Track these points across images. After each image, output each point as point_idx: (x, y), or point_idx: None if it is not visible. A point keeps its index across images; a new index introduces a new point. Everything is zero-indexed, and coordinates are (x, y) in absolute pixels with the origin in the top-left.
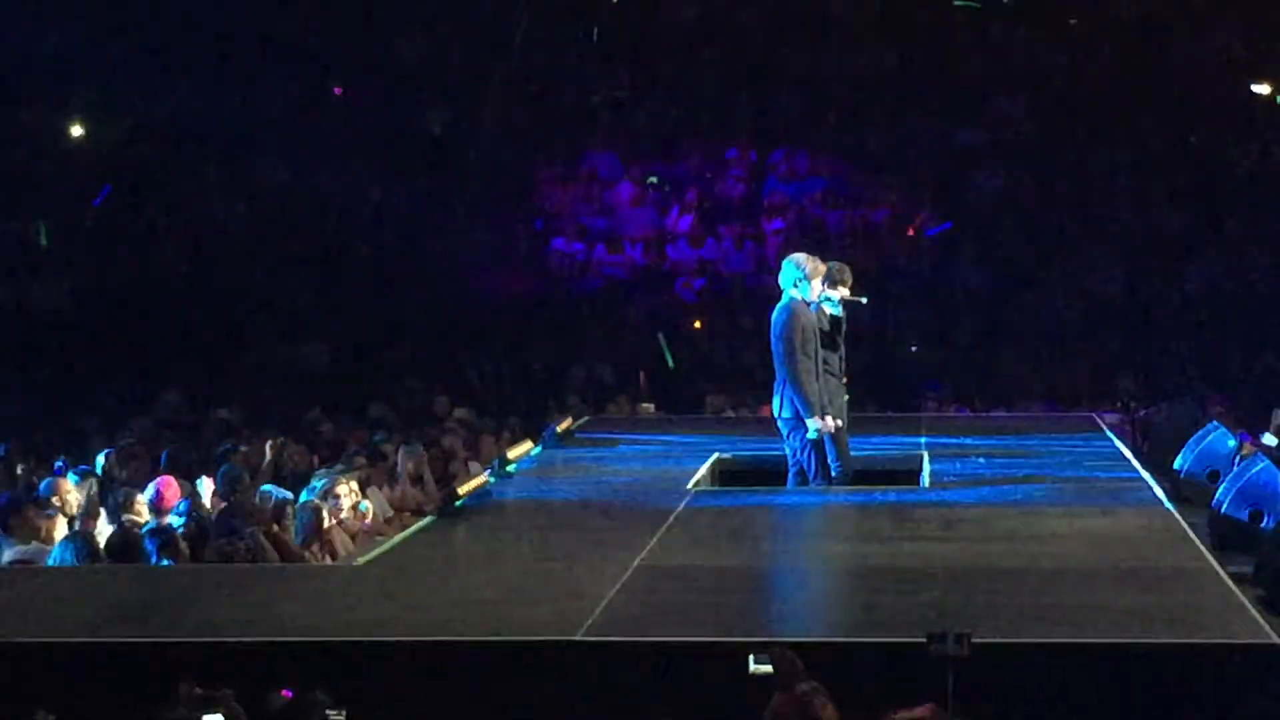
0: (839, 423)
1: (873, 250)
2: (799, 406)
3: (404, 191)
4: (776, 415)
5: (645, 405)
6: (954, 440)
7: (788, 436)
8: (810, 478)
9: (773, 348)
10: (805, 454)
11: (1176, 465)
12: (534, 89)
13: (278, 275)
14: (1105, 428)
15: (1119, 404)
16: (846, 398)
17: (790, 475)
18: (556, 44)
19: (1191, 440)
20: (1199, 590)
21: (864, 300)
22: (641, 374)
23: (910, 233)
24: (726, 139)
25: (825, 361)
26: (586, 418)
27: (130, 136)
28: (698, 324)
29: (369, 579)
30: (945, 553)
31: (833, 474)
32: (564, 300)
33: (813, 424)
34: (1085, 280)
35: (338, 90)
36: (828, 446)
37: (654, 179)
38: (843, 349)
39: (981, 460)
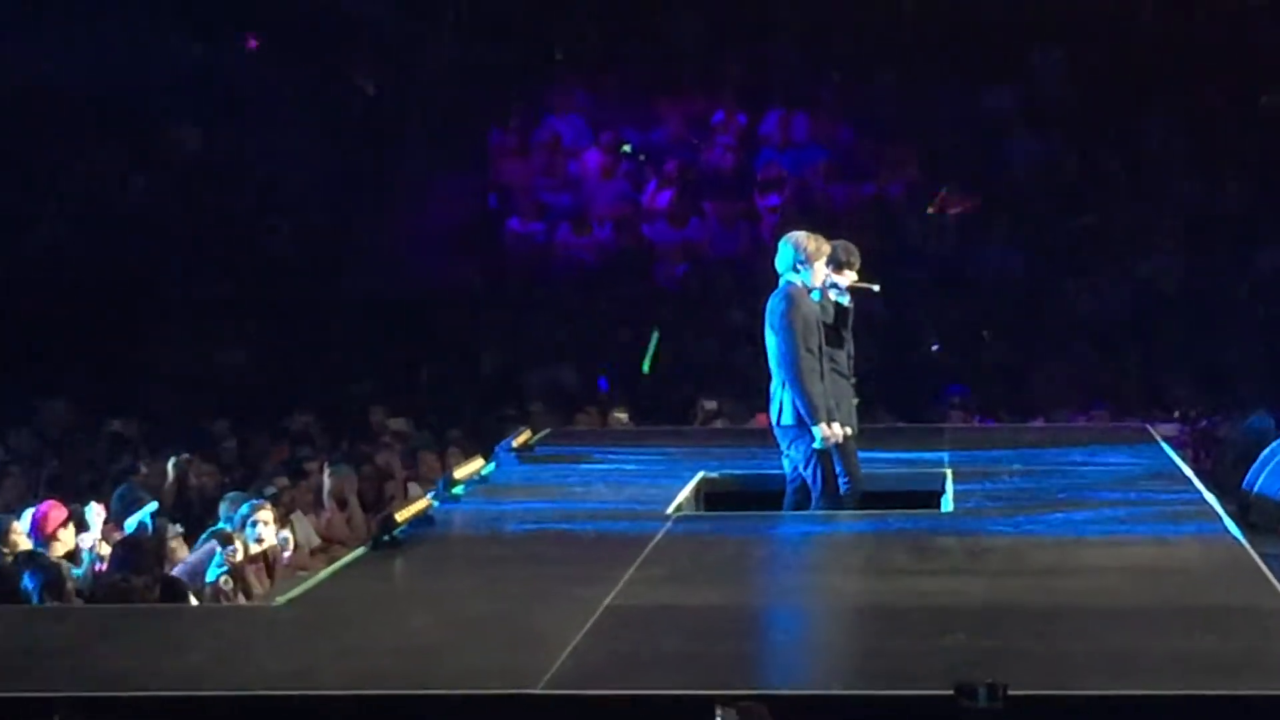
0: (848, 430)
1: (886, 232)
2: (802, 412)
3: (333, 163)
4: (775, 423)
5: (618, 415)
6: (982, 456)
7: (788, 447)
8: (814, 494)
9: (769, 344)
10: (809, 467)
11: (1245, 485)
12: (485, 41)
13: (184, 262)
14: (1160, 440)
15: (1177, 413)
16: (856, 401)
17: (789, 492)
18: None
19: (1263, 456)
20: (1272, 632)
21: (875, 288)
22: (604, 378)
23: (931, 211)
24: (712, 100)
25: (831, 359)
26: (548, 430)
27: None
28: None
29: (290, 622)
30: (973, 589)
31: (841, 490)
32: (521, 291)
33: (819, 432)
34: (1136, 267)
35: (253, 43)
36: (834, 458)
37: (628, 147)
38: (851, 344)
39: (1014, 480)
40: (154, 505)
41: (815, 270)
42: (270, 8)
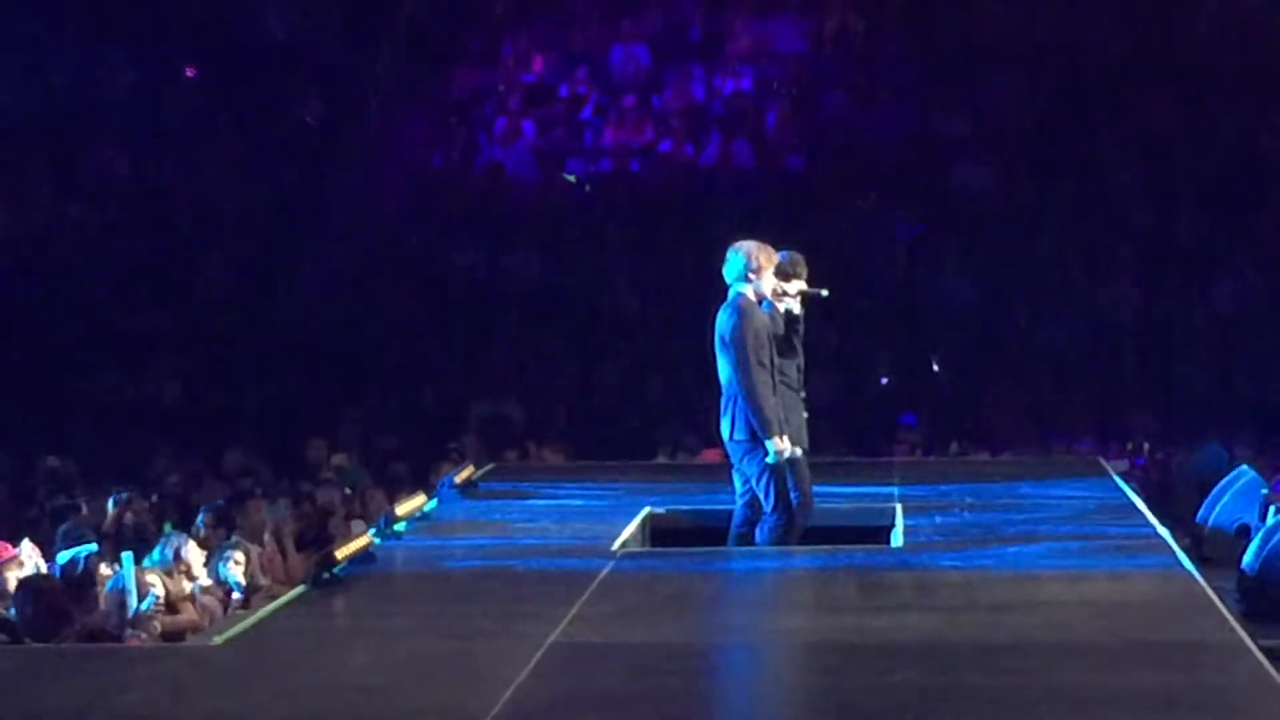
0: (800, 448)
1: (836, 258)
2: (755, 426)
3: (269, 189)
4: (727, 437)
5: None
6: (933, 489)
7: (740, 461)
8: (766, 508)
9: (719, 357)
10: (761, 481)
11: (1199, 518)
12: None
13: (117, 291)
14: (1114, 474)
15: (1130, 445)
16: (806, 415)
17: (740, 506)
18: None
19: (1216, 489)
20: (1227, 668)
21: (824, 292)
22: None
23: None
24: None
25: (781, 372)
26: (491, 465)
27: None
28: None
29: (229, 661)
30: (923, 625)
31: (793, 503)
32: (465, 321)
33: (772, 446)
34: (1091, 295)
35: (190, 72)
36: (786, 472)
37: (571, 177)
38: (800, 356)
39: (966, 513)
40: (93, 547)
41: (765, 280)
42: (208, 35)
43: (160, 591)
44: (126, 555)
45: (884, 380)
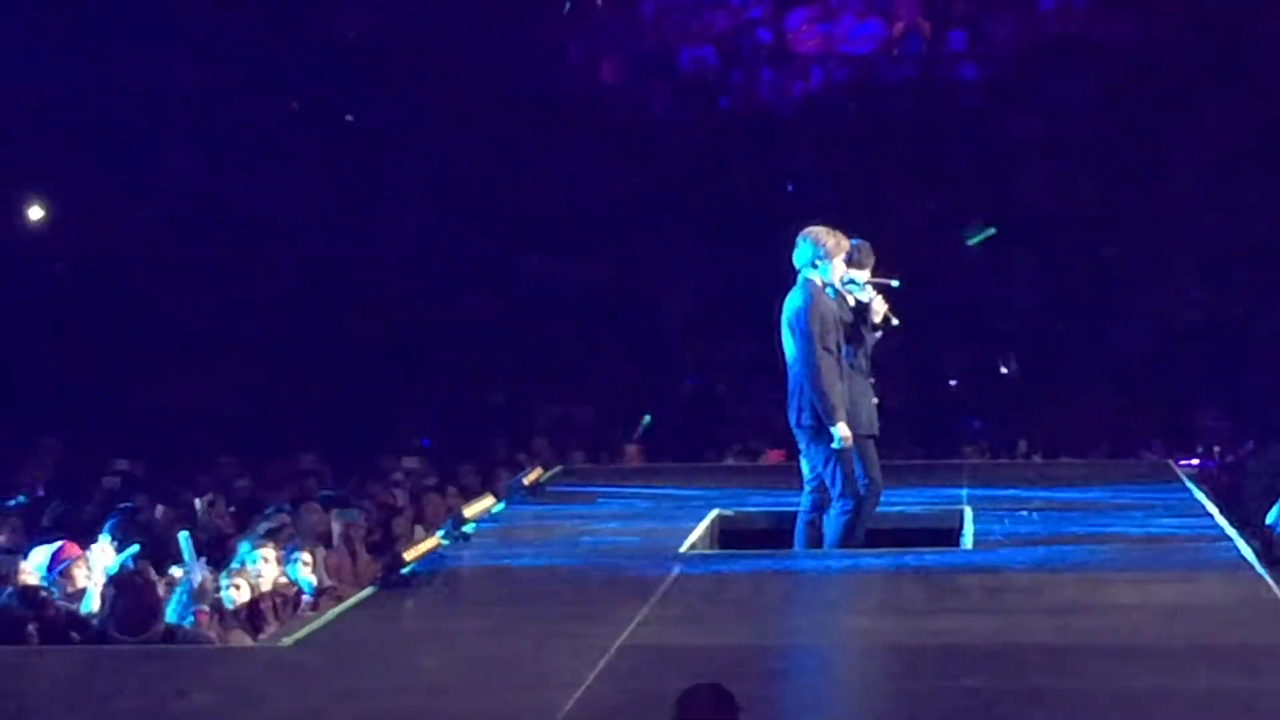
0: (871, 434)
1: (902, 263)
2: (820, 412)
3: (334, 190)
4: (794, 423)
5: (630, 449)
6: (1001, 492)
7: (807, 448)
8: (833, 494)
9: (786, 343)
10: (829, 467)
11: (1269, 521)
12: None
13: (184, 293)
14: (1183, 476)
15: (1199, 448)
16: (876, 400)
17: (807, 492)
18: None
19: None
20: None
21: (895, 283)
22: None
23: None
24: None
25: (849, 357)
26: (559, 467)
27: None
28: None
29: (298, 662)
30: (991, 627)
31: (860, 490)
32: (531, 322)
33: (837, 432)
34: (1158, 300)
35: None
36: (854, 458)
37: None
38: (868, 341)
39: (1034, 516)
40: (136, 548)
41: (834, 266)
42: (272, 33)
43: (241, 595)
44: (183, 534)
45: (952, 382)
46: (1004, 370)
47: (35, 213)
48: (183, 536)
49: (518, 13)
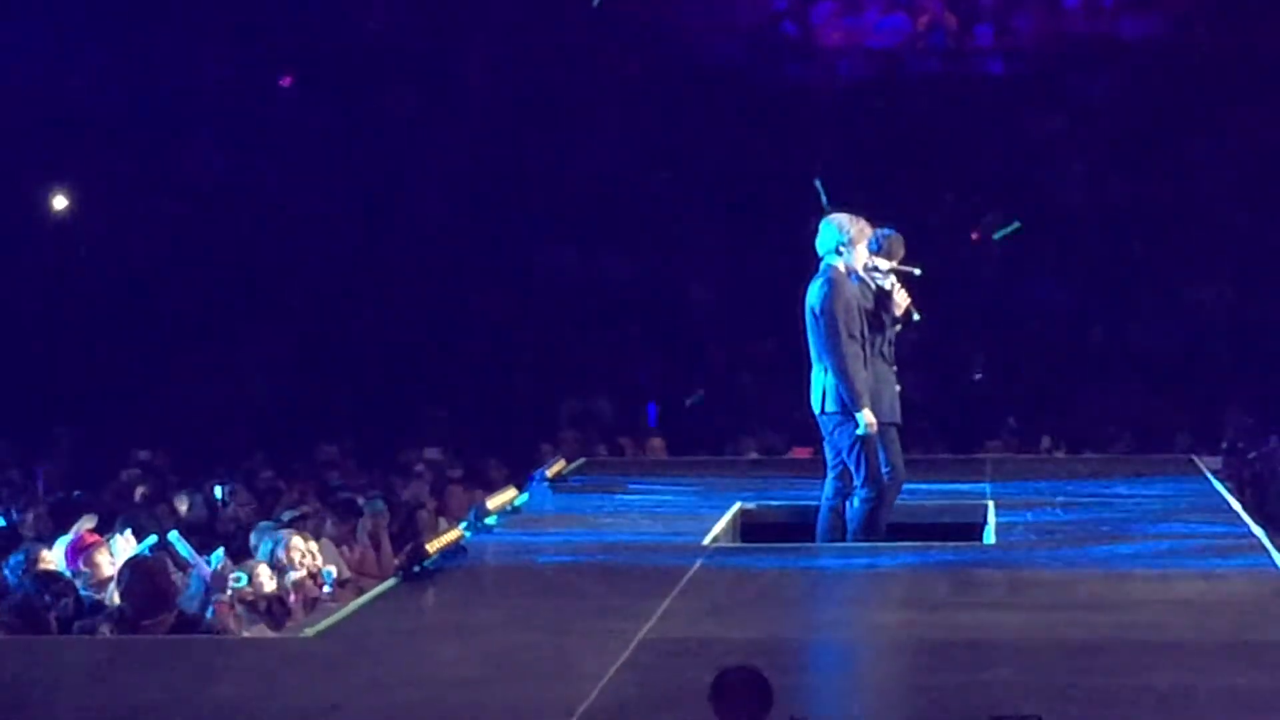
0: (895, 422)
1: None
2: (845, 398)
3: (359, 181)
4: (818, 410)
5: (654, 442)
6: (1025, 487)
7: (831, 434)
8: (857, 481)
9: (810, 329)
10: (852, 453)
11: None
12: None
13: (209, 288)
14: (1207, 472)
15: (1224, 443)
16: (899, 388)
17: (830, 479)
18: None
19: None
20: None
21: (917, 271)
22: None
23: (974, 236)
24: None
25: (873, 344)
26: (582, 460)
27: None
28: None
29: (320, 653)
30: (1014, 623)
31: (884, 477)
32: (555, 315)
33: (862, 418)
34: (1185, 295)
35: (285, 81)
36: (878, 445)
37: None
38: (891, 329)
39: (1058, 511)
40: (153, 539)
41: (857, 253)
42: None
43: (269, 585)
44: (172, 534)
45: (977, 376)
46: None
47: (60, 203)
48: (173, 536)
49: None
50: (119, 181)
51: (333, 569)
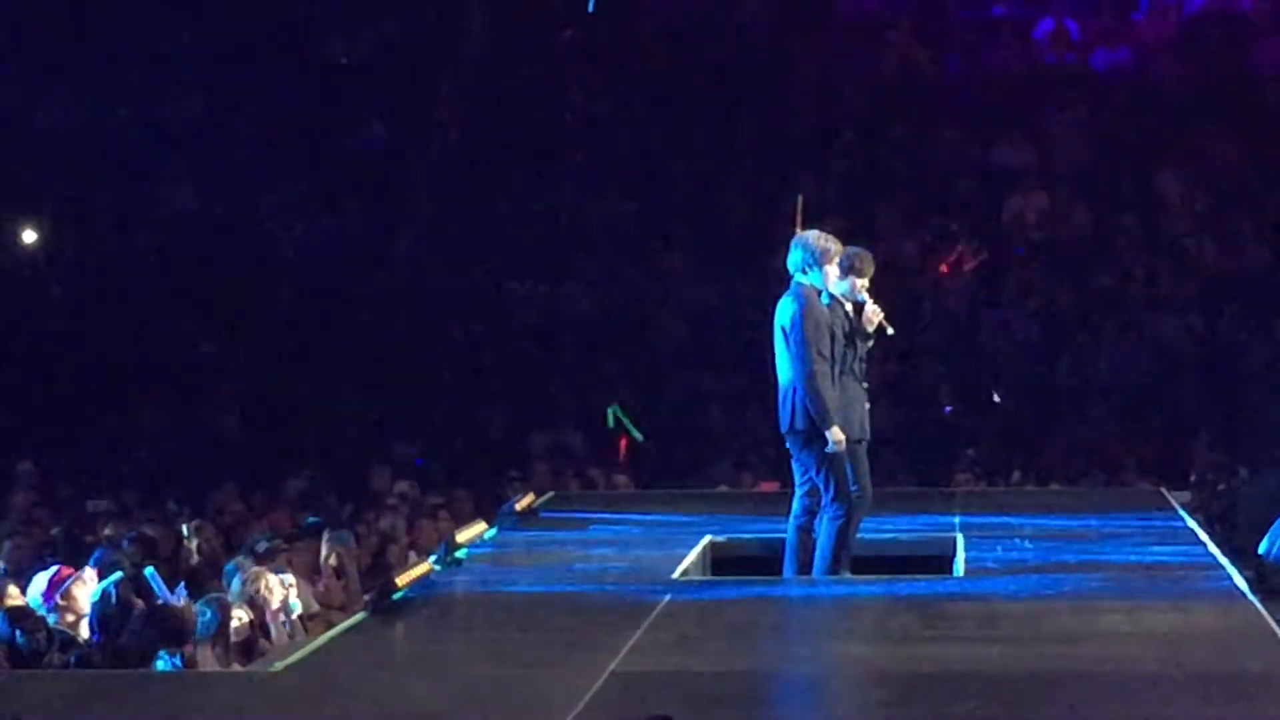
0: (863, 439)
1: (895, 289)
2: (815, 416)
3: (332, 215)
4: (787, 428)
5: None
6: (994, 519)
7: (799, 452)
8: (825, 499)
9: (779, 347)
10: (821, 472)
11: (1262, 550)
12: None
13: (179, 321)
14: (1176, 505)
15: (1193, 477)
16: (869, 406)
17: (799, 496)
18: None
19: (1279, 521)
20: None
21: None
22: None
23: (944, 270)
24: None
25: (843, 362)
26: (552, 493)
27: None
28: None
29: (288, 687)
30: (984, 655)
31: (853, 495)
32: (526, 350)
33: (832, 435)
34: (1153, 326)
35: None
36: (846, 464)
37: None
38: (862, 348)
39: (1027, 544)
40: (119, 575)
41: (826, 272)
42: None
43: (241, 620)
44: (148, 570)
45: (947, 409)
46: (996, 399)
47: (29, 236)
48: (149, 572)
49: (519, 40)
50: (88, 215)
51: (298, 603)
